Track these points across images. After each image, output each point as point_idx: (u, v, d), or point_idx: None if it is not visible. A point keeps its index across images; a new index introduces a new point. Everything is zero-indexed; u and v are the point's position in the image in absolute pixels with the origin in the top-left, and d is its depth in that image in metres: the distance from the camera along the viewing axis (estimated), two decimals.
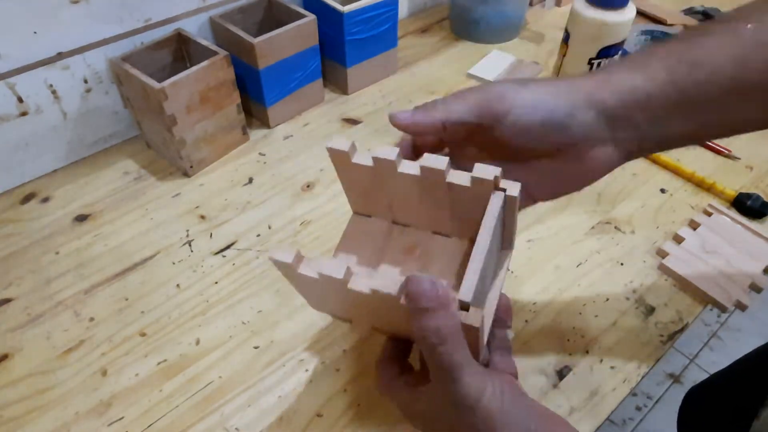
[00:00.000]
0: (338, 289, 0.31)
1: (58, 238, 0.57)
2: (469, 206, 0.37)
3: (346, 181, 0.39)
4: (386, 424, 0.44)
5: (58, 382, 0.46)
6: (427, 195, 0.37)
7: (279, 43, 0.63)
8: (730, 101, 0.31)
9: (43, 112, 0.60)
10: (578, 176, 0.35)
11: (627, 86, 0.31)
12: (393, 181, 0.37)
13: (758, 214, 0.59)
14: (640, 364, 0.47)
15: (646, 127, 0.32)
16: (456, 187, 0.35)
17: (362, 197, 0.41)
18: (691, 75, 0.30)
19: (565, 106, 0.32)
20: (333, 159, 0.37)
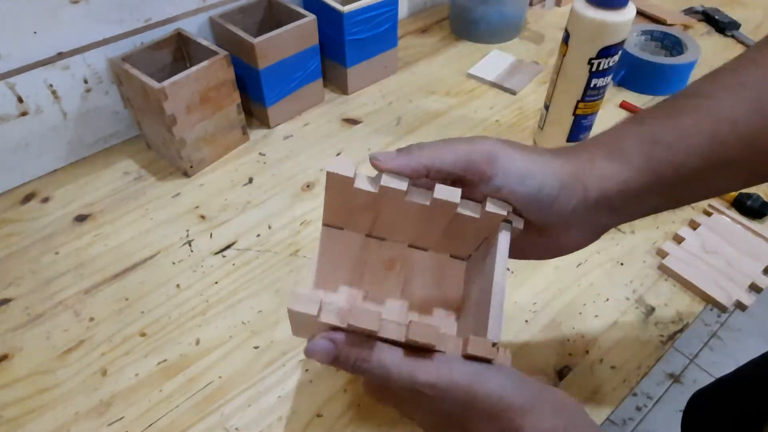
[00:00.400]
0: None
1: (58, 238, 0.57)
2: (467, 230, 0.37)
3: (335, 199, 0.37)
4: (386, 424, 0.44)
5: (58, 382, 0.46)
6: (425, 216, 0.37)
7: (279, 43, 0.63)
8: (706, 176, 0.32)
9: (43, 112, 0.60)
10: (547, 250, 0.36)
11: (607, 174, 0.32)
12: (393, 205, 0.36)
13: (758, 214, 0.59)
14: (640, 364, 0.47)
15: (623, 209, 0.33)
16: (463, 216, 0.35)
17: (343, 213, 0.39)
18: (668, 158, 0.31)
19: (553, 185, 0.32)
20: (330, 181, 0.35)
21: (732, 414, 0.60)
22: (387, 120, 0.72)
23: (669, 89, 0.76)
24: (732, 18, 0.91)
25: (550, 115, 0.64)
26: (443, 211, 0.35)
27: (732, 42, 0.88)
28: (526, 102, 0.75)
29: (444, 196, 0.34)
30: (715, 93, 0.32)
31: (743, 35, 0.88)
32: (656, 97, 0.76)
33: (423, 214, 0.36)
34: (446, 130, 0.71)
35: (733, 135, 0.30)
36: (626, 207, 0.33)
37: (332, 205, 0.38)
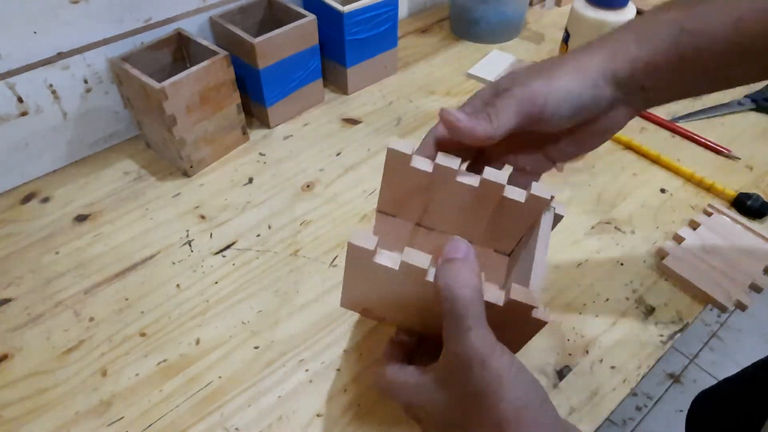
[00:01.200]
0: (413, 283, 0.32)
1: (58, 238, 0.57)
2: (511, 219, 0.38)
3: (391, 182, 0.39)
4: (386, 424, 0.44)
5: (58, 382, 0.46)
6: (472, 204, 0.38)
7: (279, 43, 0.63)
8: (729, 64, 0.34)
9: (43, 112, 0.60)
10: (595, 138, 0.38)
11: (634, 57, 0.34)
12: (444, 188, 0.38)
13: (758, 214, 0.59)
14: (640, 364, 0.47)
15: (652, 89, 0.36)
16: (509, 201, 0.37)
17: (397, 198, 0.41)
18: (692, 43, 0.33)
19: (589, 88, 0.34)
20: (389, 159, 0.37)
21: (736, 415, 0.60)
22: (387, 120, 0.72)
23: None
24: None
25: None
26: (491, 195, 0.37)
27: None
28: None
29: (492, 177, 0.36)
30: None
31: None
32: None
33: (471, 200, 0.38)
34: None
35: (757, 25, 0.32)
36: (655, 88, 0.36)
37: (388, 188, 0.40)
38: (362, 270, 0.33)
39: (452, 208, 0.40)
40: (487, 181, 0.36)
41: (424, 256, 0.31)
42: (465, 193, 0.38)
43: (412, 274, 0.31)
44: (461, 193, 0.38)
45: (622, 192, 0.63)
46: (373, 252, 0.31)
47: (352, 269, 0.34)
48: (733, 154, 0.67)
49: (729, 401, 0.66)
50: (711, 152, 0.68)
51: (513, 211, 0.38)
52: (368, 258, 0.32)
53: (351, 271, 0.35)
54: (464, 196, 0.38)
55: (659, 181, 0.64)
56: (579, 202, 0.61)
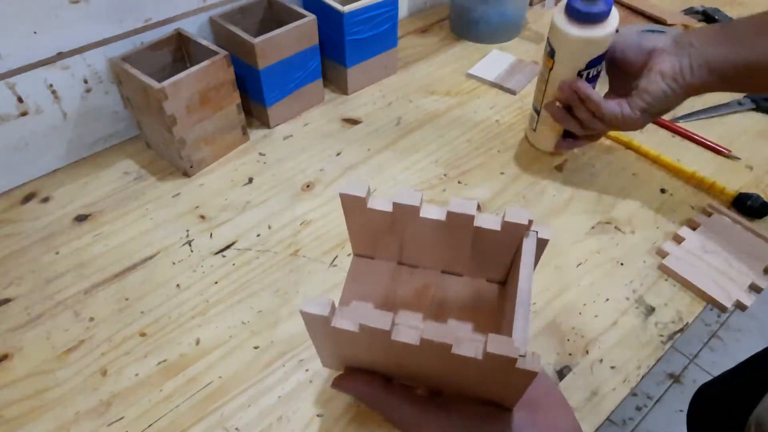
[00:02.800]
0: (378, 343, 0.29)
1: (58, 238, 0.57)
2: (492, 248, 0.36)
3: (355, 225, 0.38)
4: (386, 424, 0.44)
5: (58, 382, 0.46)
6: (447, 237, 0.36)
7: (279, 43, 0.63)
8: None
9: (43, 112, 0.60)
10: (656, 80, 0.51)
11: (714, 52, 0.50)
12: (412, 225, 0.35)
13: (758, 214, 0.59)
14: (640, 364, 0.47)
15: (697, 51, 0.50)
16: (484, 231, 0.34)
17: (369, 239, 0.39)
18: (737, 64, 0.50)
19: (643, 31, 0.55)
20: (345, 204, 0.35)
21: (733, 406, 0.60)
22: (387, 120, 0.72)
23: None
24: (732, 18, 0.91)
25: (542, 119, 0.64)
26: (463, 227, 0.34)
27: None
28: (526, 102, 0.75)
29: (459, 209, 0.33)
30: None
31: None
32: None
33: (445, 233, 0.35)
34: (446, 130, 0.71)
35: None
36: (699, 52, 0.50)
37: (355, 231, 0.38)
38: (326, 335, 0.31)
39: (428, 243, 0.37)
40: (453, 213, 0.34)
41: (385, 317, 0.29)
42: (435, 228, 0.35)
43: (377, 336, 0.29)
44: (431, 227, 0.35)
45: (622, 192, 0.63)
46: (329, 318, 0.29)
47: (315, 336, 0.33)
48: (733, 154, 0.67)
49: (728, 392, 0.66)
50: (711, 152, 0.68)
51: (491, 240, 0.35)
52: (326, 324, 0.29)
53: (316, 338, 0.33)
54: (436, 231, 0.36)
55: (659, 181, 0.64)
56: (579, 202, 0.61)
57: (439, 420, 0.33)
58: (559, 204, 0.61)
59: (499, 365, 0.28)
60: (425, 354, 0.29)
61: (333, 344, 0.33)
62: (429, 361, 0.31)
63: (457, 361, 0.29)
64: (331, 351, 0.35)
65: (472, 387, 0.33)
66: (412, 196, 0.34)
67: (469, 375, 0.30)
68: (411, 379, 0.36)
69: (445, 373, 0.32)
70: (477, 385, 0.32)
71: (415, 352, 0.29)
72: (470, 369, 0.29)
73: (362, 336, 0.30)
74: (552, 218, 0.60)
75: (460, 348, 0.28)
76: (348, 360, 0.36)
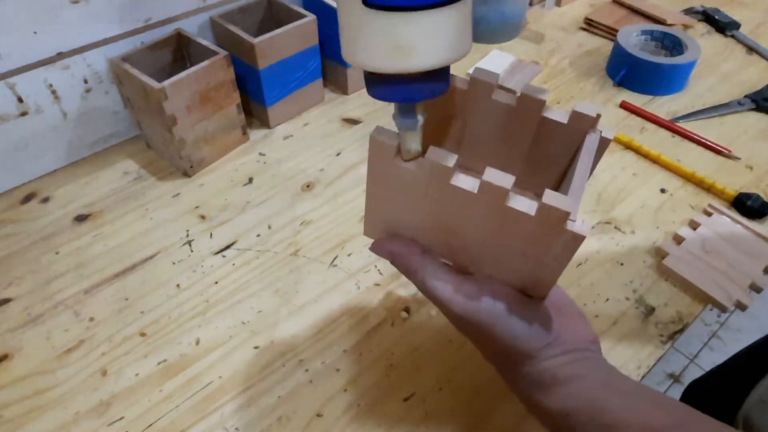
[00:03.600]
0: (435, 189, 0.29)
1: (58, 238, 0.57)
2: (552, 148, 0.34)
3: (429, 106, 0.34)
4: (386, 424, 0.44)
5: (58, 382, 0.46)
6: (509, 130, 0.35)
7: (279, 43, 0.63)
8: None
9: (43, 112, 0.60)
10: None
11: None
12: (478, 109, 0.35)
13: (758, 214, 0.59)
14: (640, 364, 0.47)
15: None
16: (550, 124, 0.33)
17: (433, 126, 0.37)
18: None
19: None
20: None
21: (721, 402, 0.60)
22: (387, 120, 0.72)
23: (669, 89, 0.76)
24: (732, 18, 0.91)
25: None
26: (531, 116, 0.33)
27: (732, 42, 0.88)
28: None
29: (531, 92, 0.33)
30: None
31: (743, 35, 0.88)
32: (656, 97, 0.76)
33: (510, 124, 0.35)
34: None
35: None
36: None
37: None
38: (384, 174, 0.31)
39: (489, 139, 0.36)
40: (526, 96, 0.33)
41: (448, 154, 0.28)
42: (502, 116, 0.35)
43: (436, 177, 0.29)
44: (498, 116, 0.35)
45: (622, 192, 0.63)
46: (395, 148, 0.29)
47: (372, 176, 0.32)
48: (733, 154, 0.67)
49: (716, 388, 0.66)
50: (711, 152, 0.68)
51: (554, 137, 0.34)
52: (391, 158, 0.29)
53: (372, 179, 0.32)
54: (501, 121, 0.35)
55: (659, 181, 0.64)
56: None
57: (471, 295, 0.33)
58: None
59: (549, 226, 0.28)
60: (477, 209, 0.29)
61: (385, 191, 0.33)
62: (477, 220, 0.30)
63: (507, 223, 0.29)
64: (380, 204, 0.34)
65: (509, 267, 0.33)
66: (492, 74, 0.34)
67: (514, 243, 0.30)
68: (449, 255, 0.36)
69: (488, 241, 0.31)
70: (515, 263, 0.32)
71: (468, 204, 0.29)
72: (518, 233, 0.28)
73: (421, 178, 0.29)
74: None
75: (516, 200, 0.28)
76: (392, 224, 0.36)
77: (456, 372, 0.47)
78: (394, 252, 0.36)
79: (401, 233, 0.36)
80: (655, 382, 1.35)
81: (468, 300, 0.33)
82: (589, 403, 0.31)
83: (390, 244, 0.36)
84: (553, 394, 0.32)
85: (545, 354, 0.33)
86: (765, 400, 0.51)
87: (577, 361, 0.33)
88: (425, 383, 0.46)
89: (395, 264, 0.36)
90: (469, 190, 0.28)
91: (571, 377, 0.32)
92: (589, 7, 0.95)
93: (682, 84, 0.77)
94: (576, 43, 0.87)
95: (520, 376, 0.34)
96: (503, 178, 0.28)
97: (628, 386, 0.33)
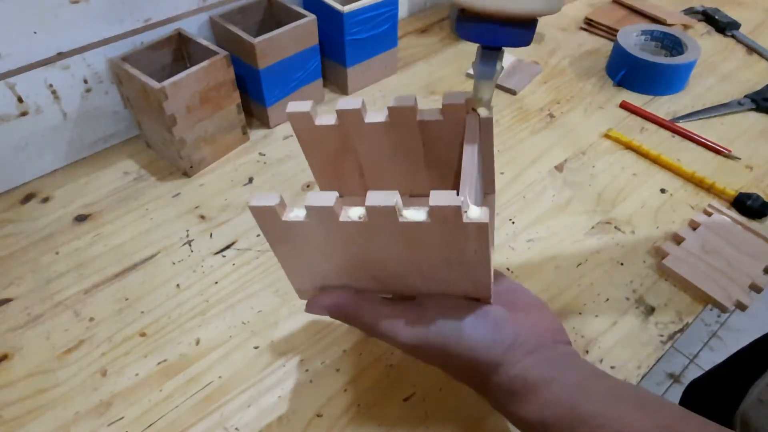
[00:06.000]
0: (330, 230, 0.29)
1: (58, 238, 0.57)
2: (444, 148, 0.35)
3: (312, 153, 0.36)
4: (386, 424, 0.44)
5: (58, 382, 0.46)
6: (398, 145, 0.35)
7: (279, 43, 0.63)
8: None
9: (43, 112, 0.60)
10: None
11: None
12: (360, 139, 0.35)
13: (758, 214, 0.59)
14: (640, 364, 0.47)
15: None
16: (429, 124, 0.34)
17: (330, 170, 0.38)
18: None
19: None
20: (295, 127, 0.35)
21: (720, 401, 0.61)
22: None
23: (669, 89, 0.76)
24: (732, 18, 0.91)
25: None
26: (409, 126, 0.33)
27: (732, 42, 0.88)
28: (526, 102, 0.75)
29: (398, 103, 0.33)
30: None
31: (743, 35, 0.88)
32: (656, 97, 0.76)
33: (395, 140, 0.35)
34: None
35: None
36: None
37: (315, 164, 0.37)
38: (282, 237, 0.30)
39: (384, 160, 0.36)
40: (394, 109, 0.33)
41: (329, 195, 0.28)
42: (384, 136, 0.34)
43: (324, 220, 0.28)
44: (380, 136, 0.34)
45: (622, 192, 0.63)
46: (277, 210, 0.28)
47: (272, 241, 0.31)
48: (733, 154, 0.67)
49: (715, 387, 0.66)
50: (711, 152, 0.68)
51: (439, 135, 0.34)
52: (277, 218, 0.29)
53: (274, 243, 0.32)
54: (385, 140, 0.35)
55: (659, 181, 0.64)
56: (579, 202, 0.61)
57: (415, 316, 0.32)
58: (559, 204, 0.61)
59: (450, 225, 0.27)
60: (379, 235, 0.29)
61: (291, 251, 0.32)
62: (386, 245, 0.30)
63: (412, 237, 0.28)
64: (295, 265, 0.34)
65: (441, 279, 0.32)
66: (354, 101, 0.34)
67: (432, 254, 0.29)
68: (382, 288, 0.35)
69: (409, 261, 0.31)
70: (444, 273, 0.31)
71: (368, 233, 0.29)
72: (428, 243, 0.28)
73: (312, 226, 0.29)
74: (552, 218, 0.60)
75: (407, 213, 0.27)
76: (317, 279, 0.35)
77: None
78: (327, 305, 0.35)
79: (330, 283, 0.35)
80: (655, 382, 1.35)
81: (413, 327, 0.32)
82: (568, 411, 0.30)
83: (321, 299, 0.35)
84: (529, 403, 0.31)
85: (510, 359, 0.31)
86: (762, 400, 0.51)
87: (545, 361, 0.32)
88: (425, 383, 0.46)
89: (333, 317, 0.35)
90: (359, 220, 0.28)
91: (544, 381, 0.31)
92: (589, 7, 0.95)
93: (682, 84, 0.77)
94: (576, 43, 0.87)
95: (493, 389, 0.32)
96: (386, 197, 0.27)
97: (606, 387, 0.31)
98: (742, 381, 0.55)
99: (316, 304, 0.35)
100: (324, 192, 0.28)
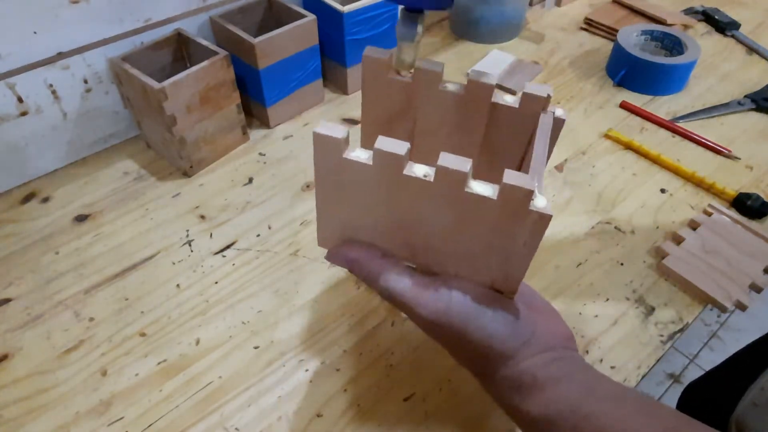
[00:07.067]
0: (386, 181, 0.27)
1: (58, 238, 0.57)
2: (506, 137, 0.33)
3: (370, 105, 0.35)
4: (386, 424, 0.44)
5: (58, 382, 0.46)
6: (460, 122, 0.34)
7: (279, 43, 0.63)
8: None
9: (43, 112, 0.60)
10: None
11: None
12: (425, 106, 0.33)
13: (758, 214, 0.59)
14: (640, 364, 0.47)
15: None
16: (501, 109, 0.32)
17: (379, 130, 0.36)
18: None
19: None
20: (366, 74, 0.33)
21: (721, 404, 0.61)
22: None
23: (669, 89, 0.76)
24: (732, 18, 0.91)
25: None
26: (481, 103, 0.32)
27: (732, 42, 0.88)
28: None
29: (479, 78, 0.32)
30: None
31: (743, 35, 0.88)
32: (656, 97, 0.76)
33: (460, 113, 0.33)
34: None
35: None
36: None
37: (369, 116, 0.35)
38: (335, 175, 0.29)
39: (441, 130, 0.35)
40: (473, 83, 0.32)
41: (399, 143, 0.26)
42: (451, 107, 0.33)
43: (388, 168, 0.27)
44: (447, 106, 0.33)
45: (622, 192, 0.63)
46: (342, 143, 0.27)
47: (321, 177, 0.30)
48: (733, 154, 0.67)
49: (714, 388, 0.66)
50: (711, 152, 0.68)
51: (507, 122, 0.33)
52: (338, 151, 0.27)
53: (321, 181, 0.30)
54: (451, 111, 0.33)
55: (659, 181, 0.64)
56: (579, 202, 0.61)
57: (438, 296, 0.31)
58: (559, 204, 0.61)
59: (513, 209, 0.26)
60: (435, 201, 0.27)
61: (336, 193, 0.31)
62: (437, 213, 0.28)
63: (467, 212, 0.27)
64: (332, 208, 0.32)
65: (475, 262, 0.31)
66: (435, 64, 0.33)
67: (479, 234, 0.28)
68: (411, 257, 0.34)
69: (451, 236, 0.30)
70: (482, 257, 0.30)
71: (424, 196, 0.27)
72: (481, 222, 0.27)
73: (370, 172, 0.27)
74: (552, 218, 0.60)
75: (475, 185, 0.26)
76: (347, 230, 0.34)
77: (456, 372, 0.47)
78: (352, 258, 0.34)
79: (358, 238, 0.34)
80: (655, 382, 1.35)
81: (436, 301, 0.31)
82: (572, 409, 0.30)
83: (347, 250, 0.34)
84: (534, 398, 0.31)
85: (523, 354, 0.31)
86: (757, 403, 0.51)
87: (557, 360, 0.32)
88: (425, 383, 0.46)
89: (354, 271, 0.34)
90: (424, 178, 0.27)
91: (551, 379, 0.31)
92: (589, 7, 0.95)
93: (682, 84, 0.77)
94: (576, 43, 0.87)
95: (498, 380, 0.32)
96: (460, 162, 0.26)
97: (612, 390, 0.31)
98: (739, 383, 0.55)
99: (340, 255, 0.34)
100: (396, 140, 0.27)
